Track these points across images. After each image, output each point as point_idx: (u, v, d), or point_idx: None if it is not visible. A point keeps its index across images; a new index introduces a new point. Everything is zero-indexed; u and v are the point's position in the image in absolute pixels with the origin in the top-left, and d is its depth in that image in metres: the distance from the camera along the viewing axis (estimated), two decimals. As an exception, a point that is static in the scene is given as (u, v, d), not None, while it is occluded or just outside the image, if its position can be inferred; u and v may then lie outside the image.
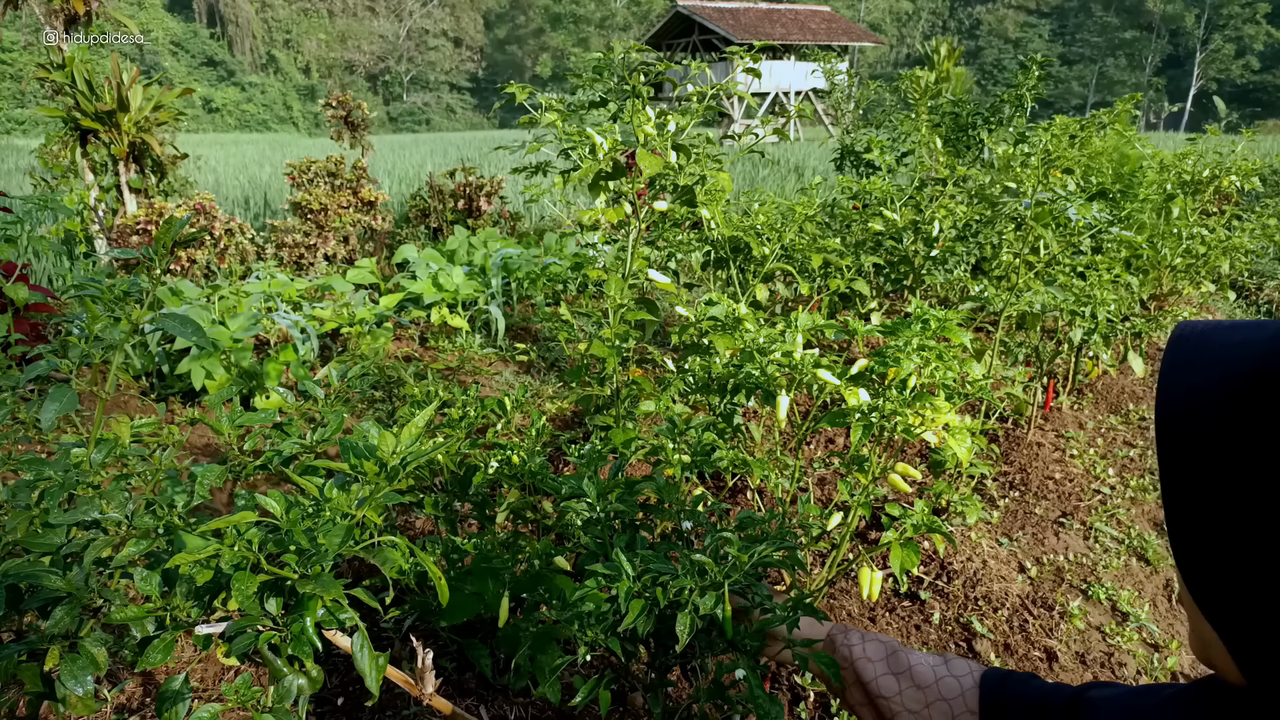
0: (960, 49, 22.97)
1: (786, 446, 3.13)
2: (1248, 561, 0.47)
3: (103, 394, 1.20)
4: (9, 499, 1.07)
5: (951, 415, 1.78)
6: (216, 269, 5.28)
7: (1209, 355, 0.52)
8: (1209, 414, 0.50)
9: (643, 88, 2.40)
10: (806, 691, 2.09)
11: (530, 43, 69.87)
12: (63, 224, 6.02)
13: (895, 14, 69.05)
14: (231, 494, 2.85)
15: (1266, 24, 53.74)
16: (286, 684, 0.87)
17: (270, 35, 64.26)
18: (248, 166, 14.08)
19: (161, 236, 1.07)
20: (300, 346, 4.02)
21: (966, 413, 3.44)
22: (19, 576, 0.90)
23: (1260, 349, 0.50)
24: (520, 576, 1.61)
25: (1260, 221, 4.88)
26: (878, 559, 2.66)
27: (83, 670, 0.87)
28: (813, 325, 2.24)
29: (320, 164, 6.45)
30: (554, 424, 3.87)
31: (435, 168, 12.15)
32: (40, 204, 1.95)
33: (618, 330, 2.29)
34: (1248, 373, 0.49)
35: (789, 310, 4.52)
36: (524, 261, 5.55)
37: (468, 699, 2.01)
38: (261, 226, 8.00)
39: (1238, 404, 0.48)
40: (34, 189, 6.69)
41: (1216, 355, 0.52)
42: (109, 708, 1.94)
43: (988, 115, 5.01)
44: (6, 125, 37.28)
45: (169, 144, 6.30)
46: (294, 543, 0.84)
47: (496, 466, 1.85)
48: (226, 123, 54.51)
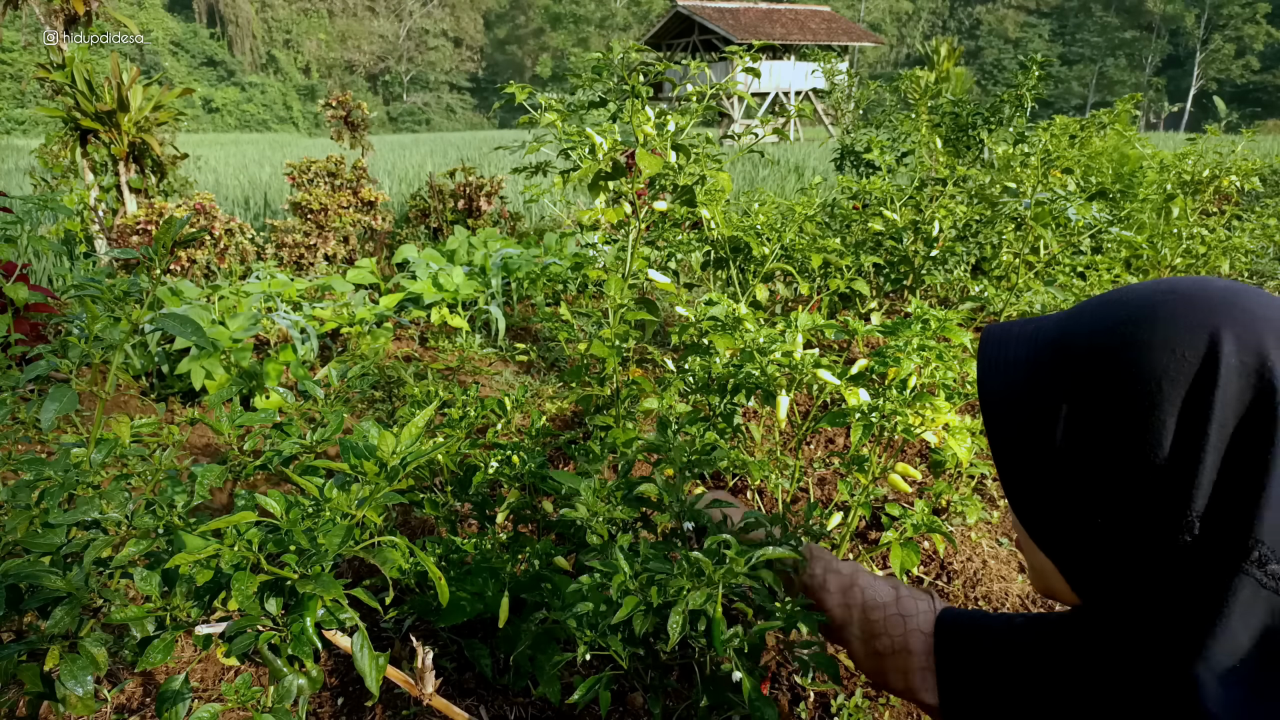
0: (960, 49, 22.98)
1: (786, 446, 3.13)
2: (1065, 494, 0.59)
3: (103, 394, 1.20)
4: (9, 499, 1.07)
5: (952, 415, 1.79)
6: (216, 269, 5.28)
7: (1014, 342, 0.64)
8: (1023, 386, 0.61)
9: (642, 88, 2.40)
10: (807, 691, 2.09)
11: (530, 43, 69.87)
12: (63, 224, 6.02)
13: (895, 14, 69.05)
14: (231, 494, 2.85)
15: (1266, 24, 53.74)
16: (286, 684, 0.87)
17: (270, 35, 64.25)
18: (248, 166, 14.08)
19: (161, 236, 1.07)
20: (300, 346, 4.02)
21: (967, 413, 3.44)
22: (19, 576, 0.90)
23: (1054, 329, 0.61)
24: (520, 576, 1.61)
25: (1260, 221, 4.88)
26: (878, 559, 2.66)
27: (83, 670, 0.87)
28: (813, 325, 2.24)
29: (320, 164, 6.45)
30: (554, 424, 3.87)
31: (435, 168, 12.15)
32: (40, 204, 1.95)
33: (618, 330, 2.29)
34: (1049, 343, 0.60)
35: (789, 310, 4.52)
36: (524, 261, 5.55)
37: (468, 699, 2.01)
38: (261, 226, 8.00)
39: (1043, 370, 0.60)
40: (34, 189, 6.69)
41: (1020, 339, 0.64)
42: (109, 708, 1.94)
43: (988, 115, 5.02)
44: (6, 125, 37.28)
45: (169, 144, 6.30)
46: (294, 543, 0.84)
47: (496, 466, 1.85)
48: (226, 123, 54.51)
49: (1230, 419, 0.50)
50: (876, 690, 2.11)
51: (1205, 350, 0.51)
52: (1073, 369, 0.57)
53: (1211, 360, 0.51)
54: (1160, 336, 0.53)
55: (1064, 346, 0.59)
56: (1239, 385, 0.50)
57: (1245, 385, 0.50)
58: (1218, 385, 0.51)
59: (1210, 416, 0.51)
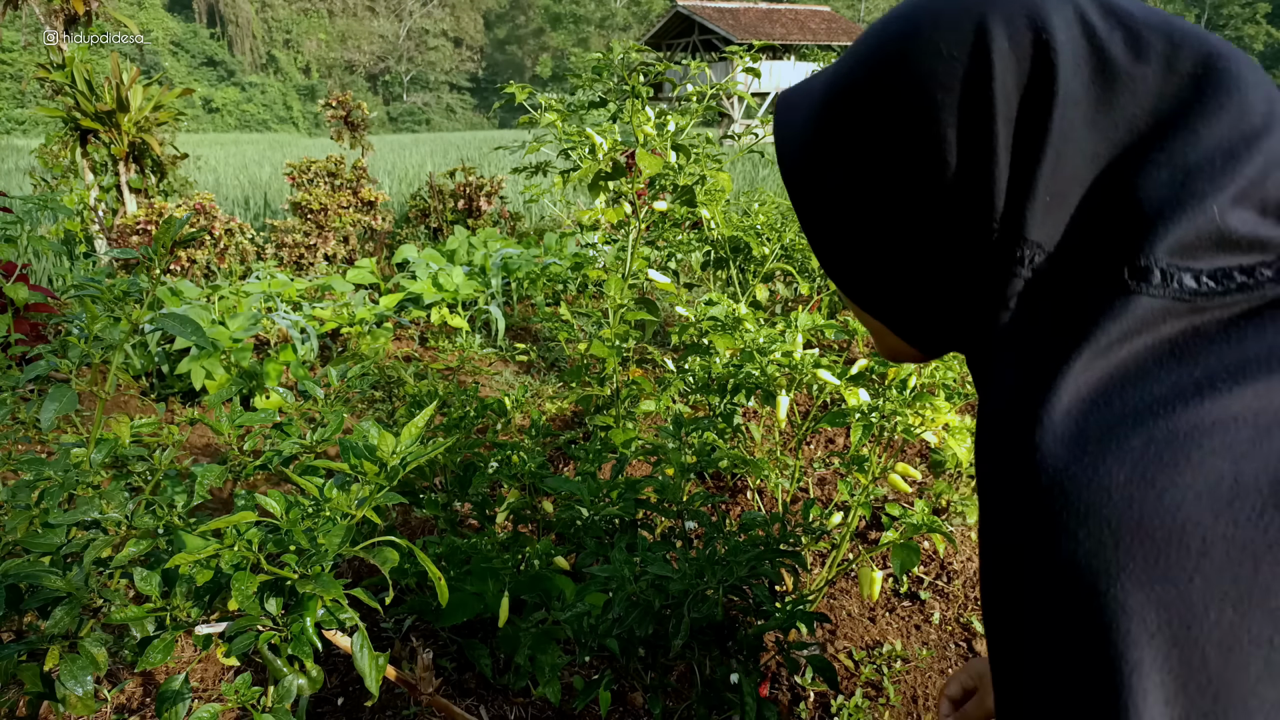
0: (960, 49, 22.93)
1: (786, 446, 3.13)
2: (869, 241, 0.54)
3: (102, 394, 1.20)
4: (9, 499, 1.07)
5: (952, 415, 1.79)
6: (216, 269, 5.28)
7: (800, 101, 0.58)
8: (812, 142, 0.55)
9: (642, 88, 2.40)
10: (807, 691, 2.09)
11: (530, 43, 69.88)
12: (63, 224, 6.02)
13: (895, 14, 68.97)
14: (231, 494, 2.85)
15: (1266, 24, 53.76)
16: (286, 684, 0.87)
17: (270, 35, 64.26)
18: (248, 166, 14.08)
19: (161, 236, 1.07)
20: (300, 346, 4.02)
21: (966, 412, 3.44)
22: (19, 576, 0.90)
23: (830, 73, 0.55)
24: (520, 577, 1.61)
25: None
26: (878, 559, 2.66)
27: (82, 670, 0.87)
28: (813, 325, 2.24)
29: (320, 164, 6.45)
30: (554, 424, 3.87)
31: (435, 168, 12.15)
32: (40, 204, 1.95)
33: (618, 330, 2.29)
34: (825, 87, 0.54)
35: (789, 310, 4.51)
36: (524, 261, 5.55)
37: (468, 699, 2.01)
38: (261, 226, 8.00)
39: (824, 118, 0.54)
40: (34, 189, 6.69)
41: (804, 95, 0.57)
42: (109, 707, 1.94)
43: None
44: (6, 125, 37.28)
45: (169, 144, 6.30)
46: (294, 543, 0.84)
47: (496, 466, 1.85)
48: (226, 123, 54.51)
49: (1014, 109, 0.45)
50: (877, 691, 2.11)
51: (973, 42, 0.45)
52: (848, 107, 0.52)
53: (981, 51, 0.45)
54: (924, 44, 0.47)
55: (838, 87, 0.53)
56: (1016, 70, 0.45)
57: (1022, 67, 0.45)
58: (993, 77, 0.45)
59: (993, 113, 0.45)
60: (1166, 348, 0.43)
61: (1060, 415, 0.43)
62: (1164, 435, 0.40)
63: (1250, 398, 0.40)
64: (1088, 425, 0.42)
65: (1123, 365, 0.43)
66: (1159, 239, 0.43)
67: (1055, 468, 0.42)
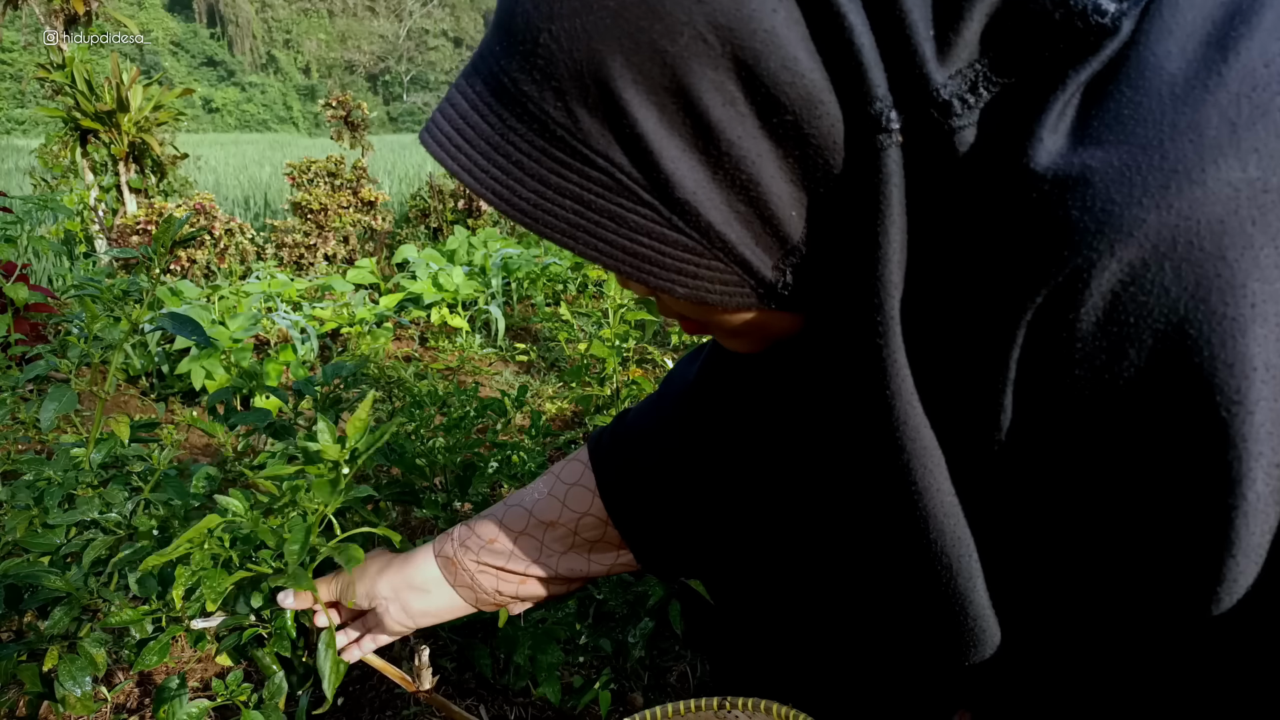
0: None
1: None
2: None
3: (102, 394, 1.21)
4: (9, 499, 1.07)
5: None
6: (216, 269, 5.28)
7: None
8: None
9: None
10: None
11: (530, 43, 69.83)
12: (63, 224, 6.03)
13: (895, 14, 69.10)
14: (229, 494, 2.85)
15: None
16: (276, 681, 0.87)
17: (270, 35, 64.32)
18: (248, 166, 14.09)
19: (161, 236, 1.08)
20: (300, 347, 4.03)
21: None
22: (19, 576, 0.90)
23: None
24: (519, 576, 1.61)
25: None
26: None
27: (82, 671, 0.87)
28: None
29: (320, 164, 6.46)
30: (554, 424, 3.87)
31: (435, 168, 12.16)
32: (40, 204, 1.95)
33: (618, 330, 2.29)
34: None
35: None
36: (524, 261, 5.55)
37: (468, 699, 2.01)
38: (261, 226, 8.01)
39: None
40: (34, 189, 6.70)
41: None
42: (108, 707, 1.95)
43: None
44: (6, 125, 37.32)
45: (169, 144, 6.31)
46: (258, 540, 0.85)
47: (496, 466, 1.85)
48: (226, 123, 54.57)
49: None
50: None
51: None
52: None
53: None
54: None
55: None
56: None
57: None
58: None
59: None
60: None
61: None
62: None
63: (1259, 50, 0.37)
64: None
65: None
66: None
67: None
